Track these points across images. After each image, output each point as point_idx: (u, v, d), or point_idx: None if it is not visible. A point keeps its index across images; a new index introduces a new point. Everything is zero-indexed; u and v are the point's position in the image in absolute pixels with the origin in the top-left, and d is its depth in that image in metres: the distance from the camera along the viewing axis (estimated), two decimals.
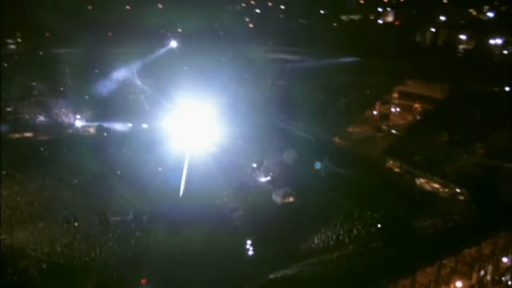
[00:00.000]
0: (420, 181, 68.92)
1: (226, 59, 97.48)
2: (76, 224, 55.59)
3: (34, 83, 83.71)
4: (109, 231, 54.82)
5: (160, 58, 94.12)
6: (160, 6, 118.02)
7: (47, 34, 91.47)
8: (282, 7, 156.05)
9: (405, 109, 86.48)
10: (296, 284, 42.08)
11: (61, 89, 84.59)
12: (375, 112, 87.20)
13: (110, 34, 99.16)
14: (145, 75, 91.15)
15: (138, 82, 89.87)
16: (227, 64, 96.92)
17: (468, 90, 77.90)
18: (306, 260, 47.86)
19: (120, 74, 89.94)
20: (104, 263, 49.52)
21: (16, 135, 77.87)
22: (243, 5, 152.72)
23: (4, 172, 66.00)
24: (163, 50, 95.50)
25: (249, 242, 51.40)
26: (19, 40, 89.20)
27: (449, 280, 38.78)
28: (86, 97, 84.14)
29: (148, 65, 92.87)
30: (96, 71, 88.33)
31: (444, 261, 38.76)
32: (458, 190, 65.05)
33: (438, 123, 75.68)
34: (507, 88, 76.11)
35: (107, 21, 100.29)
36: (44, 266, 48.19)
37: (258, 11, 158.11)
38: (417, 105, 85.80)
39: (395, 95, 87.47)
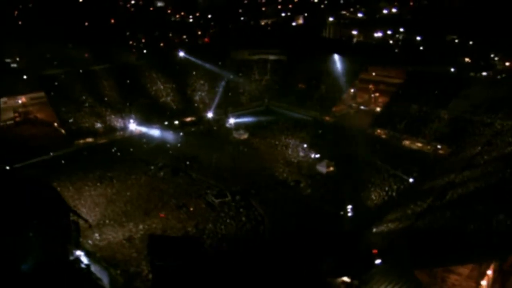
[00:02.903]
0: (406, 142, 72.90)
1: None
2: (191, 209, 53.50)
3: (83, 97, 77.46)
4: (218, 211, 53.40)
5: (172, 66, 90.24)
6: None
7: (86, 55, 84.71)
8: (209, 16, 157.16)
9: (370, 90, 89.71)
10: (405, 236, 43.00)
11: (105, 99, 78.98)
12: (350, 94, 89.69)
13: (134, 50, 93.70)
14: (166, 80, 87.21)
15: (161, 87, 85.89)
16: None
17: (424, 72, 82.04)
18: (387, 217, 49.18)
19: (147, 81, 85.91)
20: (235, 236, 48.51)
21: (81, 141, 72.62)
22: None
23: (98, 173, 61.72)
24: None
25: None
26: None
27: None
28: (127, 103, 79.24)
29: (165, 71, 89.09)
30: (128, 81, 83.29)
31: None
32: (439, 146, 69.66)
33: (406, 99, 79.51)
34: (452, 69, 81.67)
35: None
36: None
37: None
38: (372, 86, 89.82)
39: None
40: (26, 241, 38.90)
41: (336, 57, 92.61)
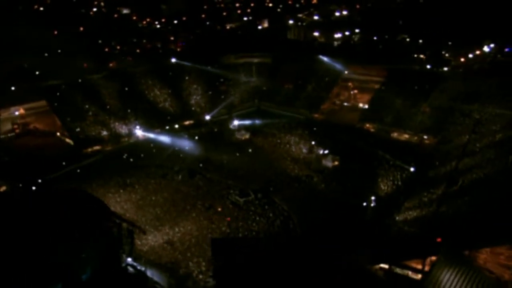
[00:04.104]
0: (395, 134, 75.11)
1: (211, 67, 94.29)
2: (219, 209, 53.12)
3: (86, 106, 74.83)
4: (245, 210, 53.28)
5: (165, 72, 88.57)
6: None
7: (85, 65, 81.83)
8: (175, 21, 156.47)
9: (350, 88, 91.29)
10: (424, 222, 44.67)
11: (108, 107, 76.65)
12: (333, 92, 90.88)
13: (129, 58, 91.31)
14: (162, 86, 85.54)
15: (158, 92, 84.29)
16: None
17: (402, 69, 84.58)
18: (404, 205, 50.63)
19: (143, 88, 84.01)
20: (267, 233, 48.68)
21: (89, 149, 70.23)
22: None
23: (116, 180, 60.00)
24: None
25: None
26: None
27: None
28: (129, 110, 77.30)
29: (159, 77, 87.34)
30: (126, 88, 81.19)
31: None
32: (425, 137, 72.24)
33: (389, 94, 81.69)
34: (428, 66, 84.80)
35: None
36: None
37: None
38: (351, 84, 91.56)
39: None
40: (84, 252, 37.59)
41: (317, 58, 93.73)
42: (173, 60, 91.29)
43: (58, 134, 75.69)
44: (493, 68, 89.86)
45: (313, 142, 69.05)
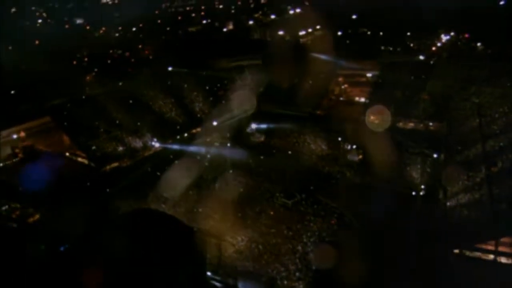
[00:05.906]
0: (400, 124, 77.25)
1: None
2: (271, 213, 52.49)
3: (96, 123, 71.30)
4: (295, 211, 53.19)
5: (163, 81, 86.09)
6: None
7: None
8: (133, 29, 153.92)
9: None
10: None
11: (117, 122, 73.45)
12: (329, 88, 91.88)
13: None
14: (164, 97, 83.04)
15: (162, 103, 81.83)
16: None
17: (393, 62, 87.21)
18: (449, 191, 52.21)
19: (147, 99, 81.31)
20: (328, 231, 48.78)
21: (108, 167, 67.06)
22: None
23: (152, 195, 57.78)
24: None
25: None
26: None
27: None
28: (138, 123, 74.56)
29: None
30: (130, 101, 78.21)
31: None
32: (431, 123, 74.91)
33: (386, 87, 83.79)
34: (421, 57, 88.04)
35: None
36: None
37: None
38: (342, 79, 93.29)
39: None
40: (180, 272, 36.13)
41: (307, 55, 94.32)
42: (170, 68, 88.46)
43: (67, 154, 71.37)
44: (459, 55, 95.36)
45: (339, 138, 69.11)
